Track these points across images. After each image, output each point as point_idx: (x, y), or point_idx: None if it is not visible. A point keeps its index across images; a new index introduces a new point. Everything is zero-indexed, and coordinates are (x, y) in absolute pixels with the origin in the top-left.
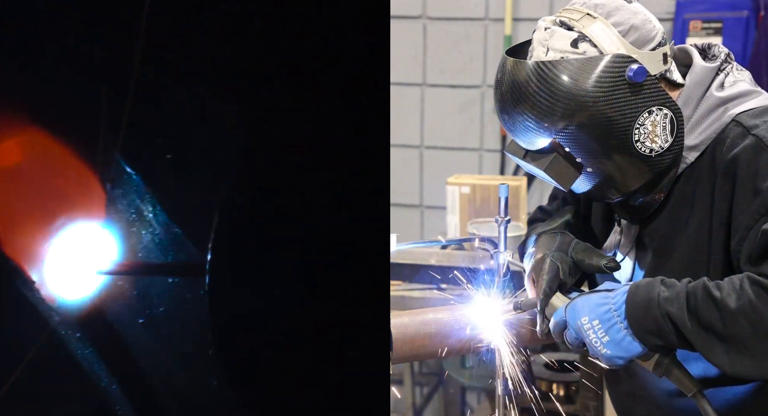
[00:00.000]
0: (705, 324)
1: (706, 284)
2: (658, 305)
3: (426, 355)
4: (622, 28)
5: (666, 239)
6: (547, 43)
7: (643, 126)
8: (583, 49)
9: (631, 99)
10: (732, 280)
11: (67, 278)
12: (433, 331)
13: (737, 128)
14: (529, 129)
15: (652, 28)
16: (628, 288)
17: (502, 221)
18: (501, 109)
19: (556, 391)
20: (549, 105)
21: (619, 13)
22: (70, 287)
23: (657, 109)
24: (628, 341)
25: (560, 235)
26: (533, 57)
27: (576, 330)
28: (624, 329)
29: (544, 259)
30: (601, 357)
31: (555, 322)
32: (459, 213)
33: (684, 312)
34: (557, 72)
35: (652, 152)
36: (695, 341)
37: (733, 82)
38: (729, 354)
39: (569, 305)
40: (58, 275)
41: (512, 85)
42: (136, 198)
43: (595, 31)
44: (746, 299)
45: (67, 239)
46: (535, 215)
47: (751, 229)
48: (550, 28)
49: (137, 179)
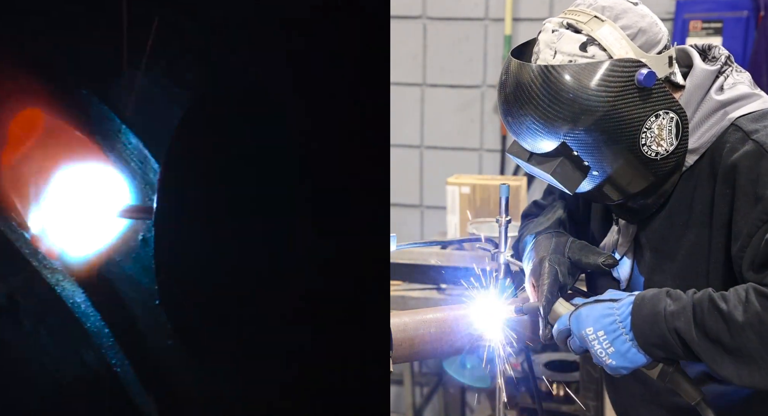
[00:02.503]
0: (712, 337)
1: (712, 296)
2: (665, 319)
3: (426, 355)
4: (631, 31)
5: (664, 240)
6: (555, 45)
7: (650, 130)
8: (592, 53)
9: (639, 103)
10: (737, 291)
11: (76, 226)
12: (433, 331)
13: (737, 132)
14: (536, 132)
15: (659, 31)
16: (633, 300)
17: (502, 221)
18: (506, 111)
19: (556, 391)
20: (559, 109)
21: (626, 16)
22: (79, 236)
23: (664, 112)
24: (633, 352)
25: (555, 235)
26: (540, 59)
27: (580, 339)
28: (629, 340)
29: (542, 262)
30: (606, 367)
31: (559, 330)
32: (459, 213)
33: (691, 326)
34: (567, 76)
35: (657, 155)
36: (703, 354)
37: (733, 84)
38: (737, 366)
39: (573, 314)
40: (64, 223)
41: (520, 88)
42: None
43: (604, 35)
44: (753, 312)
45: (73, 183)
46: (530, 210)
47: (753, 236)
48: (558, 30)
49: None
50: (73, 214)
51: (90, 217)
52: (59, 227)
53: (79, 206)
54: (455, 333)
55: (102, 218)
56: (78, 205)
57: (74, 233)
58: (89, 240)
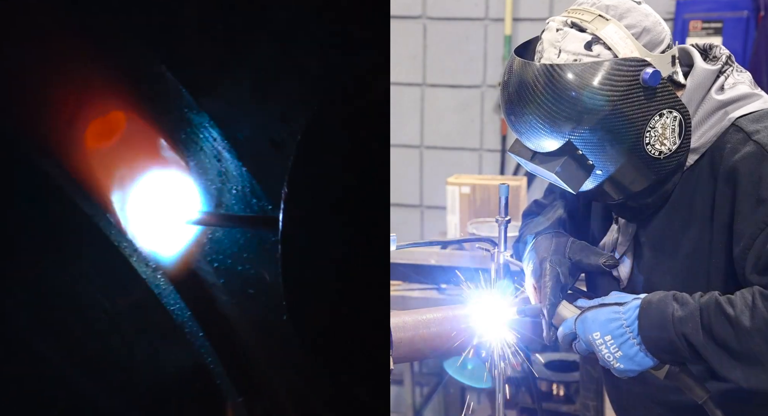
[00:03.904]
0: (720, 341)
1: (718, 301)
2: (672, 325)
3: (426, 355)
4: (635, 30)
5: (664, 240)
6: (560, 44)
7: (654, 129)
8: (597, 52)
9: (644, 102)
10: (744, 296)
11: (155, 230)
12: (433, 331)
13: (738, 133)
14: (541, 131)
15: (662, 30)
16: (640, 304)
17: (502, 221)
18: (509, 110)
19: (556, 391)
20: (564, 108)
21: (631, 15)
22: (160, 239)
23: (667, 111)
24: (641, 356)
25: (555, 236)
26: (544, 58)
27: (587, 343)
28: (637, 344)
29: (543, 263)
30: (614, 370)
31: (564, 334)
32: (459, 213)
33: (699, 331)
34: (573, 75)
35: (660, 154)
36: (710, 358)
37: (733, 84)
38: (744, 370)
39: (579, 318)
40: (145, 226)
41: (524, 87)
42: (214, 150)
43: (609, 34)
44: (760, 317)
45: (150, 189)
46: (530, 209)
47: (756, 238)
48: (562, 29)
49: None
50: (162, 214)
51: (176, 217)
52: (150, 226)
53: (165, 207)
54: (455, 332)
55: (186, 218)
56: (164, 206)
57: (164, 233)
58: (178, 239)
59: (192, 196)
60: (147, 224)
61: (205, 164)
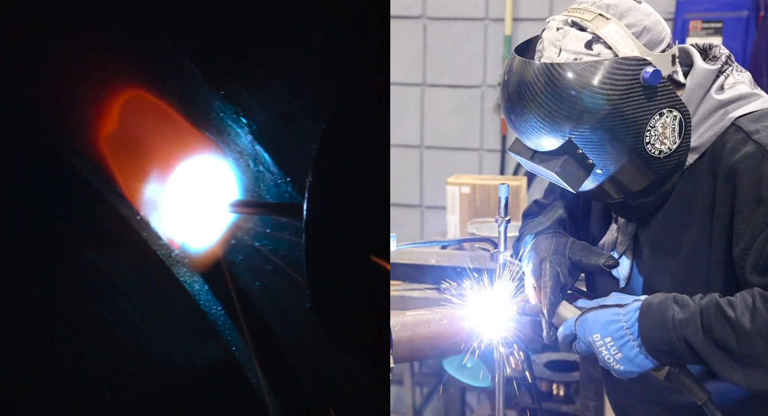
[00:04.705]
0: (720, 344)
1: (719, 303)
2: (673, 327)
3: (426, 354)
4: (636, 29)
5: (664, 239)
6: (560, 43)
7: (654, 128)
8: (597, 51)
9: (645, 101)
10: (744, 298)
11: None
12: (433, 331)
13: (738, 132)
14: (541, 130)
15: (662, 30)
16: (640, 306)
17: (502, 221)
18: (510, 109)
19: (556, 391)
20: (565, 107)
21: (631, 14)
22: (194, 231)
23: (667, 111)
24: (641, 358)
25: (555, 236)
26: (544, 57)
27: (587, 344)
28: (637, 346)
29: (543, 263)
30: (614, 371)
31: (564, 335)
32: (459, 213)
33: (699, 334)
34: (573, 74)
35: (660, 153)
36: (711, 360)
37: (733, 84)
38: (745, 372)
39: (579, 319)
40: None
41: (524, 86)
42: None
43: (609, 33)
44: (760, 319)
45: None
46: (530, 209)
47: (756, 238)
48: (563, 28)
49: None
50: (191, 206)
51: (206, 209)
52: (179, 218)
53: (196, 199)
54: (455, 332)
55: (217, 210)
56: (195, 198)
57: (193, 225)
58: (208, 231)
59: (228, 184)
60: (183, 215)
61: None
